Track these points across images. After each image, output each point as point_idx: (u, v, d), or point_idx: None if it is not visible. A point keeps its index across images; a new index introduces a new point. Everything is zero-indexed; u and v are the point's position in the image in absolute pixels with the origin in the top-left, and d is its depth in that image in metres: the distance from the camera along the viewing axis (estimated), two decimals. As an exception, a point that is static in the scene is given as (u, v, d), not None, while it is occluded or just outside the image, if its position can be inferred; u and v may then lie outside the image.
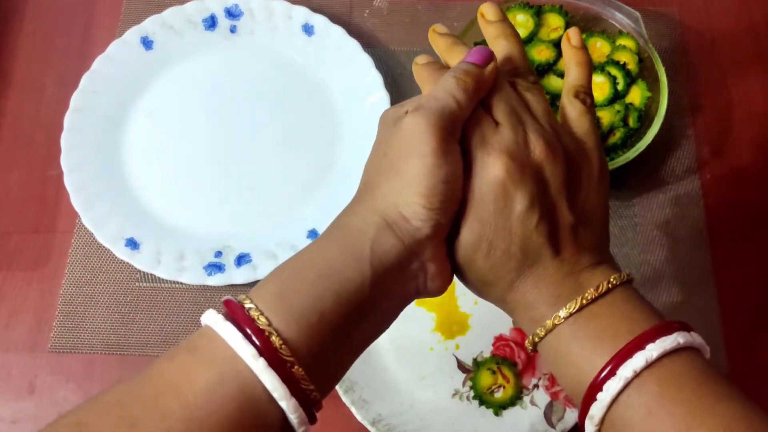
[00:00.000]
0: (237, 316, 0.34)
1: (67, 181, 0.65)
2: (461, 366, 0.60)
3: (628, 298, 0.37)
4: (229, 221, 0.66)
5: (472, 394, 0.59)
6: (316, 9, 0.73)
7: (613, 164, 0.60)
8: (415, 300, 0.39)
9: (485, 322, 0.61)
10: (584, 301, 0.36)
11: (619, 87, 0.64)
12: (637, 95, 0.64)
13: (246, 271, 0.63)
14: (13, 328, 0.63)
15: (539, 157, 0.36)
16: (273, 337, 0.33)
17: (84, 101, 0.69)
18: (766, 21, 0.75)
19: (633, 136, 0.63)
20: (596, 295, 0.36)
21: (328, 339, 0.34)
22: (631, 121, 0.63)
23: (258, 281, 0.62)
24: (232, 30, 0.73)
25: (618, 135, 0.63)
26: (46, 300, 0.64)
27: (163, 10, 0.72)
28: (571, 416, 0.57)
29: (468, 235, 0.37)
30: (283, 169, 0.68)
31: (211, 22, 0.73)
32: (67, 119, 0.68)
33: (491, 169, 0.36)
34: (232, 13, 0.73)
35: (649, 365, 0.33)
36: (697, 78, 0.72)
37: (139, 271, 0.64)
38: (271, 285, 0.35)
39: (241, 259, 0.63)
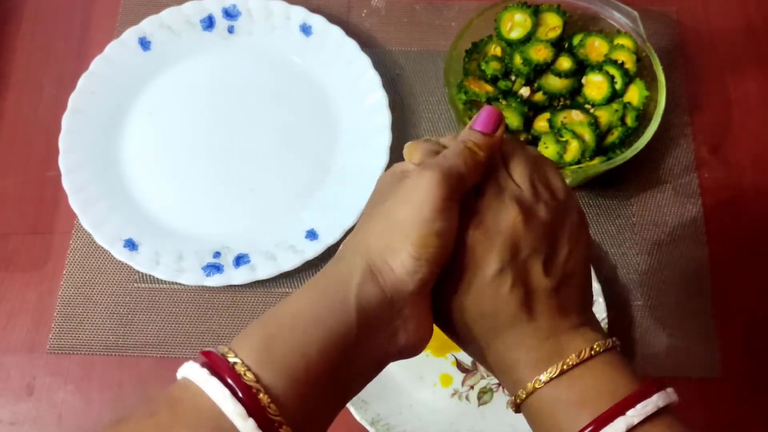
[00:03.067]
0: (221, 370, 0.31)
1: (66, 182, 0.65)
2: (460, 366, 0.60)
3: (610, 363, 0.36)
4: (228, 222, 0.66)
5: (471, 393, 0.59)
6: (314, 9, 0.73)
7: (611, 163, 0.60)
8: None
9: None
10: (565, 367, 0.35)
11: (617, 86, 0.64)
12: (635, 94, 0.64)
13: (244, 272, 0.63)
14: (11, 330, 0.63)
15: (512, 223, 0.36)
16: (261, 395, 0.31)
17: (82, 102, 0.69)
18: (763, 20, 0.75)
19: (631, 136, 0.63)
20: (577, 361, 0.35)
21: (315, 394, 0.33)
22: (629, 121, 0.63)
23: (257, 282, 0.63)
24: (230, 30, 0.73)
25: (616, 134, 0.63)
26: (44, 301, 0.64)
27: (160, 10, 0.72)
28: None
29: (447, 294, 0.37)
30: (281, 170, 0.68)
31: (209, 23, 0.73)
32: (65, 120, 0.68)
33: (466, 234, 0.36)
34: (229, 14, 0.73)
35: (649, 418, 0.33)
36: (695, 77, 0.72)
37: (138, 272, 0.64)
38: (256, 336, 0.33)
39: (240, 260, 0.63)
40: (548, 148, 0.62)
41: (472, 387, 0.60)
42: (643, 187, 0.67)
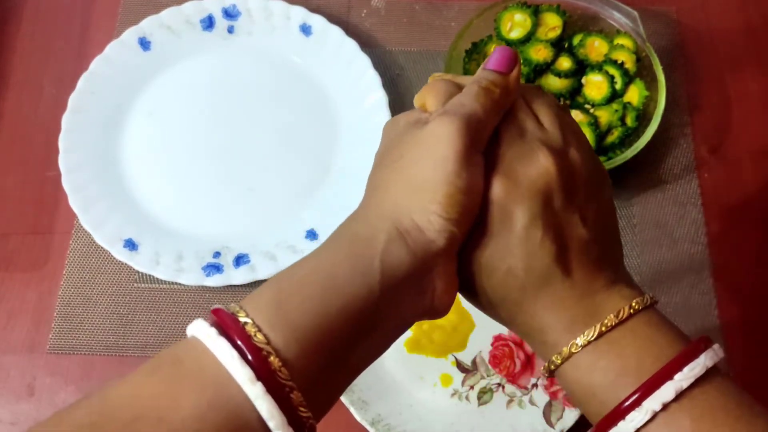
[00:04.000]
0: (230, 330, 0.30)
1: (65, 182, 0.65)
2: (460, 366, 0.60)
3: (649, 322, 0.33)
4: (228, 222, 0.66)
5: (471, 393, 0.59)
6: (314, 9, 0.72)
7: (611, 164, 0.60)
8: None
9: (484, 321, 0.61)
10: (603, 329, 0.33)
11: (617, 86, 0.64)
12: (635, 94, 0.64)
13: (244, 272, 0.63)
14: (11, 330, 0.63)
15: (543, 170, 0.33)
16: (271, 358, 0.29)
17: (82, 102, 0.69)
18: (763, 20, 0.75)
19: (631, 136, 0.63)
20: (617, 321, 0.33)
21: (329, 361, 0.31)
22: (629, 121, 0.63)
23: (257, 282, 0.63)
24: (230, 30, 0.73)
25: (616, 134, 0.63)
26: (44, 301, 0.64)
27: (160, 10, 0.72)
28: (570, 415, 0.57)
29: (470, 253, 0.34)
30: (281, 170, 0.68)
31: (209, 23, 0.73)
32: (65, 120, 0.68)
33: (489, 185, 0.33)
34: (229, 14, 0.73)
35: (679, 397, 0.31)
36: (695, 77, 0.72)
37: (138, 272, 0.64)
38: (269, 295, 0.31)
39: (240, 260, 0.63)
40: (548, 148, 0.62)
41: (472, 387, 0.60)
42: (644, 187, 0.67)
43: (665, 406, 0.31)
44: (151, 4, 0.76)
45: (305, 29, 0.72)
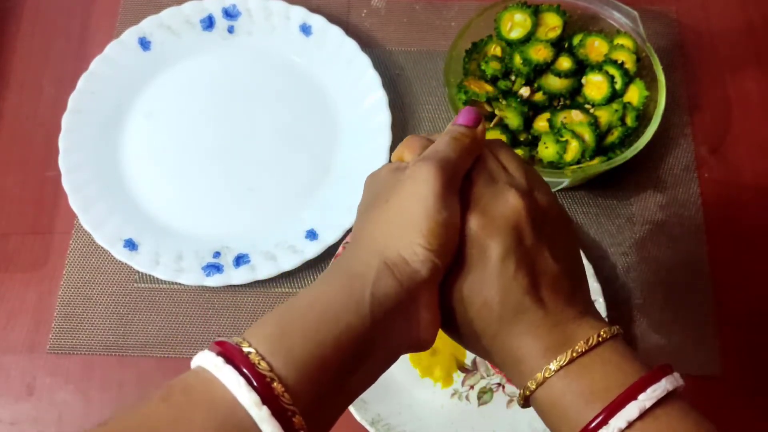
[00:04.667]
0: (235, 359, 0.32)
1: (65, 182, 0.65)
2: (460, 366, 0.60)
3: (616, 350, 0.36)
4: (228, 222, 0.66)
5: (471, 393, 0.59)
6: (313, 9, 0.72)
7: (611, 164, 0.60)
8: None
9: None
10: (574, 354, 0.35)
11: (617, 86, 0.64)
12: (635, 94, 0.64)
13: (244, 272, 0.63)
14: (11, 330, 0.63)
15: (513, 207, 0.37)
16: (275, 384, 0.31)
17: (82, 102, 0.69)
18: (763, 19, 0.75)
19: (631, 136, 0.63)
20: (586, 348, 0.35)
21: (328, 386, 0.33)
22: (629, 121, 0.63)
23: (257, 282, 0.63)
24: (230, 30, 0.73)
25: (616, 134, 0.63)
26: (44, 301, 0.64)
27: (160, 10, 0.72)
28: (570, 415, 0.57)
29: (450, 287, 0.37)
30: (281, 170, 0.68)
31: (209, 23, 0.73)
32: (65, 120, 0.68)
33: (466, 223, 0.37)
34: (229, 14, 0.73)
35: (642, 416, 0.33)
36: (695, 77, 0.72)
37: (138, 272, 0.64)
38: (270, 327, 0.34)
39: (240, 260, 0.63)
40: (548, 148, 0.62)
41: (472, 387, 0.60)
42: (643, 187, 0.68)
43: (630, 425, 0.33)
44: (151, 4, 0.76)
45: (305, 29, 0.72)
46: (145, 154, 0.69)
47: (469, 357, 0.61)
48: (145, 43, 0.72)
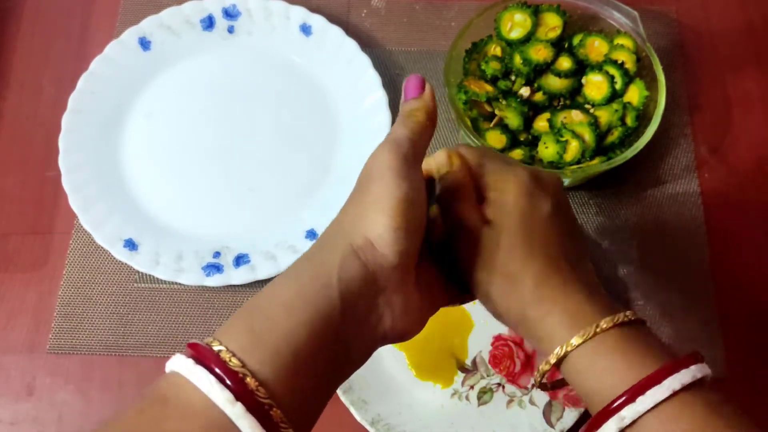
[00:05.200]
0: (206, 359, 0.32)
1: (65, 182, 0.65)
2: (460, 366, 0.60)
3: (640, 333, 0.38)
4: (228, 222, 0.66)
5: (471, 393, 0.59)
6: (313, 9, 0.72)
7: (611, 164, 0.60)
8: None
9: (484, 321, 0.61)
10: (598, 330, 0.36)
11: (617, 86, 0.64)
12: (635, 94, 0.64)
13: (244, 272, 0.63)
14: (11, 330, 0.63)
15: (523, 178, 0.40)
16: (248, 379, 0.31)
17: (82, 102, 0.69)
18: (763, 19, 0.75)
19: (631, 136, 0.63)
20: (612, 324, 0.36)
21: (303, 376, 0.33)
22: (629, 121, 0.63)
23: (257, 282, 0.63)
24: (230, 30, 0.73)
25: (616, 134, 0.63)
26: (44, 301, 0.64)
27: (160, 10, 0.72)
28: (570, 415, 0.57)
29: (473, 262, 0.39)
30: (282, 170, 0.68)
31: (209, 23, 0.73)
32: (65, 120, 0.68)
33: (517, 177, 0.39)
34: (229, 14, 0.73)
35: (670, 398, 0.34)
36: (695, 77, 0.72)
37: (138, 272, 0.64)
38: (241, 323, 0.34)
39: (240, 260, 0.63)
40: (548, 148, 0.62)
41: (472, 387, 0.60)
42: (643, 187, 0.68)
43: (655, 406, 0.34)
44: (151, 4, 0.76)
45: (305, 29, 0.72)
46: (145, 154, 0.69)
47: (469, 357, 0.61)
48: (145, 43, 0.72)
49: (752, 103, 0.71)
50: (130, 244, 0.63)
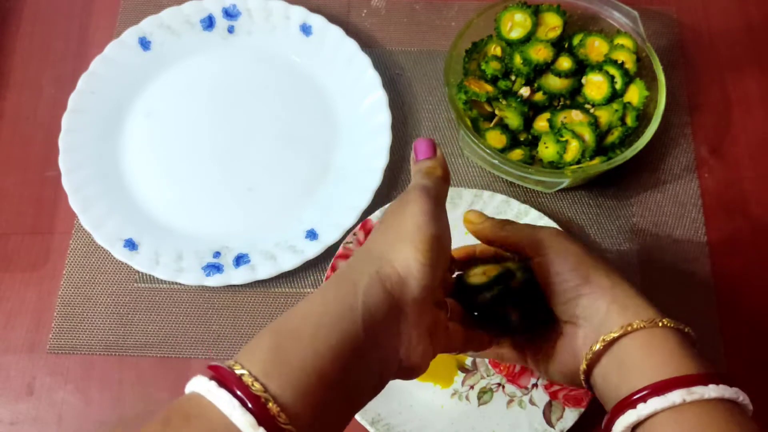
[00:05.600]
0: (229, 382, 0.32)
1: (65, 182, 0.65)
2: (461, 366, 0.60)
3: (685, 340, 0.42)
4: (228, 222, 0.66)
5: (471, 393, 0.59)
6: (313, 9, 0.72)
7: (611, 163, 0.60)
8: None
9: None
10: (655, 323, 0.41)
11: (617, 86, 0.64)
12: (635, 94, 0.64)
13: (244, 272, 0.63)
14: (11, 330, 0.63)
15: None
16: (270, 404, 0.32)
17: (82, 102, 0.69)
18: (763, 20, 0.75)
19: (631, 135, 0.63)
20: (651, 324, 0.42)
21: (325, 402, 0.34)
22: (630, 120, 0.63)
23: (257, 282, 0.63)
24: (230, 30, 0.73)
25: (616, 134, 0.63)
26: (44, 301, 0.64)
27: (160, 10, 0.72)
28: (570, 415, 0.57)
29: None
30: (281, 170, 0.68)
31: (209, 23, 0.73)
32: (65, 120, 0.68)
33: (551, 229, 0.47)
34: (229, 14, 0.73)
35: (682, 405, 0.38)
36: (695, 77, 0.72)
37: (138, 271, 0.64)
38: (263, 347, 0.34)
39: (240, 260, 0.63)
40: (548, 148, 0.62)
41: (472, 387, 0.60)
42: (643, 187, 0.68)
43: (669, 408, 0.38)
44: (151, 4, 0.76)
45: (305, 29, 0.72)
46: (145, 154, 0.69)
47: (469, 357, 0.61)
48: (145, 43, 0.72)
49: (752, 103, 0.71)
50: (130, 244, 0.63)
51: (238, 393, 0.32)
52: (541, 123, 0.65)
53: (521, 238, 0.47)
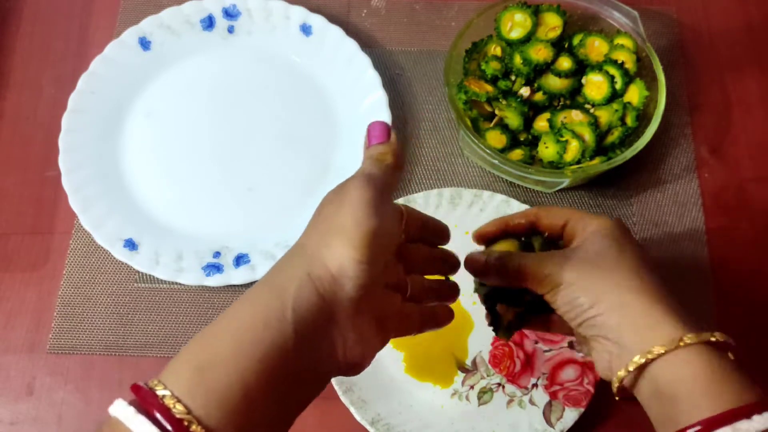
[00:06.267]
0: (149, 405, 0.30)
1: (65, 182, 0.65)
2: (460, 366, 0.60)
3: (734, 361, 0.38)
4: (228, 222, 0.66)
5: (471, 393, 0.59)
6: (313, 9, 0.72)
7: (611, 163, 0.60)
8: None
9: (484, 322, 0.61)
10: (681, 344, 0.37)
11: (618, 86, 0.64)
12: (635, 94, 0.64)
13: (244, 272, 0.62)
14: (11, 330, 0.63)
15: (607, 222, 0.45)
16: (193, 427, 0.30)
17: (82, 102, 0.69)
18: (763, 20, 0.75)
19: (631, 135, 0.63)
20: (697, 341, 0.37)
21: (255, 418, 0.32)
22: (630, 120, 0.63)
23: (256, 281, 0.62)
24: (230, 30, 0.73)
25: (616, 134, 0.63)
26: (44, 301, 0.64)
27: (160, 10, 0.72)
28: (570, 415, 0.57)
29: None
30: (281, 170, 0.68)
31: (209, 23, 0.73)
32: (65, 120, 0.68)
33: (603, 221, 0.44)
34: (229, 14, 0.73)
35: None
36: (695, 77, 0.72)
37: (138, 271, 0.64)
38: (187, 364, 0.32)
39: (240, 260, 0.63)
40: (548, 148, 0.62)
41: (472, 387, 0.60)
42: (643, 187, 0.68)
43: None
44: (151, 4, 0.76)
45: (305, 29, 0.72)
46: (145, 154, 0.69)
47: (469, 357, 0.61)
48: (145, 43, 0.72)
49: (752, 103, 0.71)
50: (130, 244, 0.63)
51: (158, 417, 0.30)
52: (541, 123, 0.65)
53: (527, 276, 0.43)
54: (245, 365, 0.32)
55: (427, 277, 0.45)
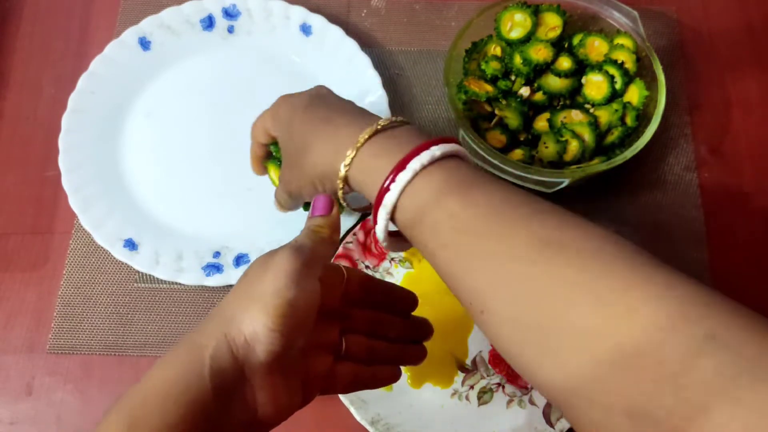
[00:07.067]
0: None
1: (65, 182, 0.65)
2: (461, 366, 0.60)
3: (410, 129, 0.44)
4: (228, 222, 0.66)
5: (471, 393, 0.59)
6: (313, 9, 0.72)
7: (611, 163, 0.60)
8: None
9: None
10: (378, 127, 0.43)
11: (617, 86, 0.64)
12: (635, 94, 0.64)
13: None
14: (11, 330, 0.63)
15: None
16: None
17: (82, 102, 0.69)
18: (763, 19, 0.75)
19: (631, 135, 0.63)
20: (387, 123, 0.44)
21: None
22: (629, 120, 0.63)
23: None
24: (230, 30, 0.73)
25: (616, 134, 0.63)
26: (44, 301, 0.64)
27: (160, 10, 0.72)
28: (570, 415, 0.57)
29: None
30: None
31: (209, 23, 0.73)
32: (65, 120, 0.68)
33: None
34: (229, 14, 0.73)
35: (433, 162, 0.39)
36: (695, 77, 0.72)
37: (138, 271, 0.64)
38: (119, 419, 0.33)
39: (240, 260, 0.63)
40: (548, 148, 0.62)
41: (472, 387, 0.60)
42: (643, 187, 0.68)
43: (424, 166, 0.39)
44: (151, 4, 0.76)
45: (305, 29, 0.72)
46: (145, 154, 0.69)
47: (469, 357, 0.61)
48: (145, 43, 0.72)
49: (752, 103, 0.71)
50: (130, 244, 0.63)
51: None
52: (541, 123, 0.65)
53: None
54: (171, 422, 0.33)
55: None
